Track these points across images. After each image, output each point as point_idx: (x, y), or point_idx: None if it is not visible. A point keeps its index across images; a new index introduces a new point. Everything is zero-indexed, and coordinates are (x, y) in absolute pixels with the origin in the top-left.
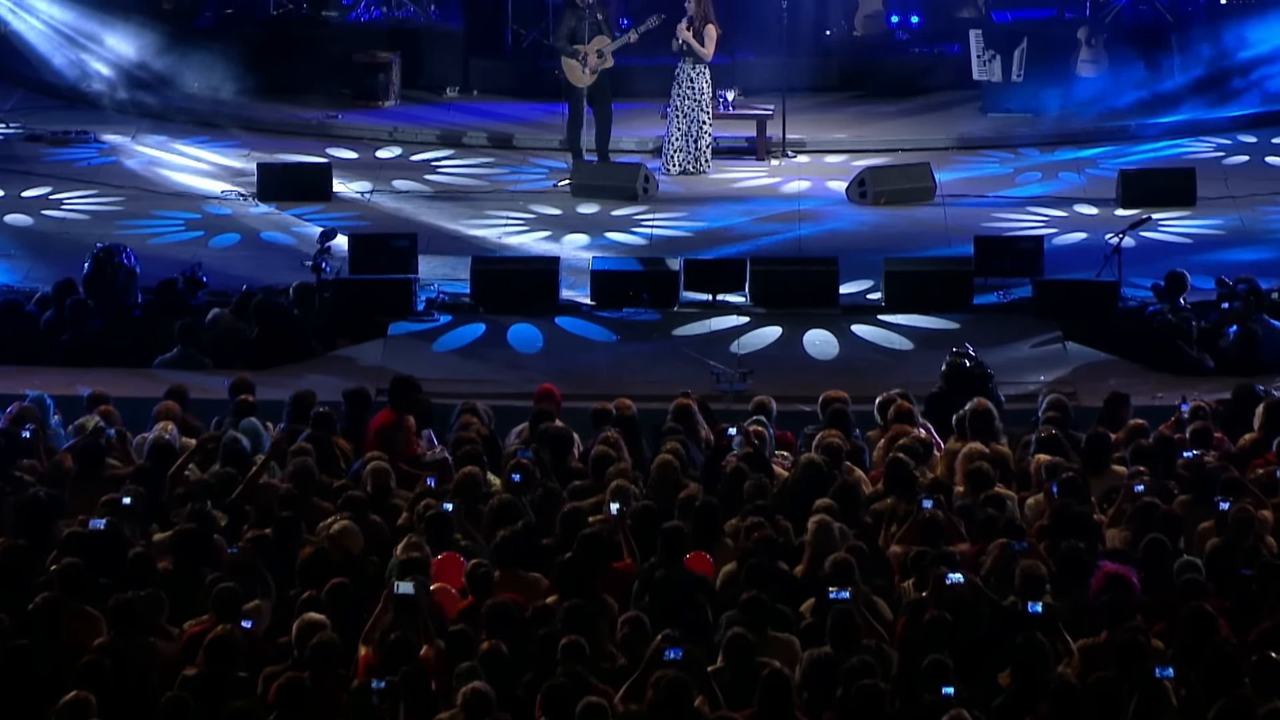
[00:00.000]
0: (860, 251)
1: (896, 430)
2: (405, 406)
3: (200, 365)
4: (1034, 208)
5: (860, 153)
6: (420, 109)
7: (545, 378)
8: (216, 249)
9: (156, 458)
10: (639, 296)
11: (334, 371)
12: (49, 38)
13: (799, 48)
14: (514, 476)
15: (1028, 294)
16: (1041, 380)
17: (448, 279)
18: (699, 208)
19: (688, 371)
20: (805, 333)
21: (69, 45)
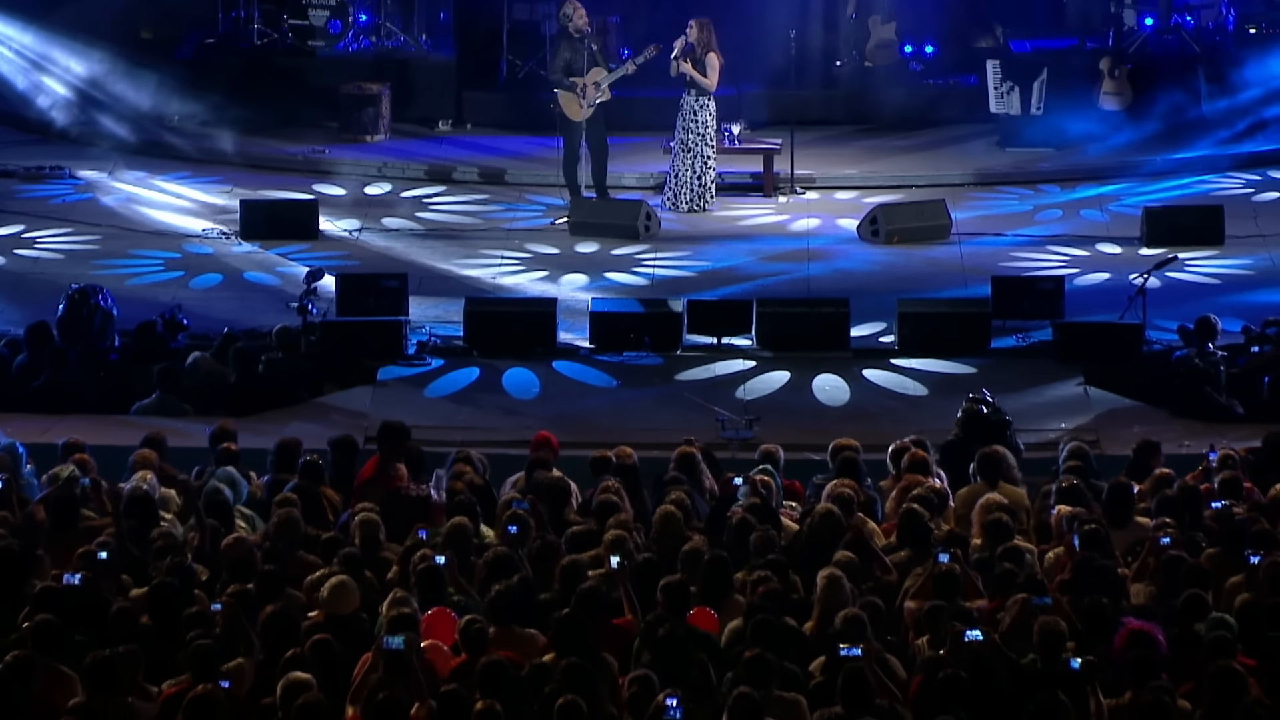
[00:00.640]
0: (872, 292)
1: (910, 480)
2: (395, 454)
3: (180, 412)
4: (1054, 247)
5: (872, 189)
6: (411, 143)
7: (542, 425)
8: (197, 290)
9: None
10: (640, 340)
11: (320, 418)
12: (21, 68)
13: (808, 79)
14: (510, 528)
15: (1048, 337)
16: (1062, 428)
17: (440, 321)
18: (703, 246)
19: (691, 418)
20: (814, 377)
21: (42, 76)
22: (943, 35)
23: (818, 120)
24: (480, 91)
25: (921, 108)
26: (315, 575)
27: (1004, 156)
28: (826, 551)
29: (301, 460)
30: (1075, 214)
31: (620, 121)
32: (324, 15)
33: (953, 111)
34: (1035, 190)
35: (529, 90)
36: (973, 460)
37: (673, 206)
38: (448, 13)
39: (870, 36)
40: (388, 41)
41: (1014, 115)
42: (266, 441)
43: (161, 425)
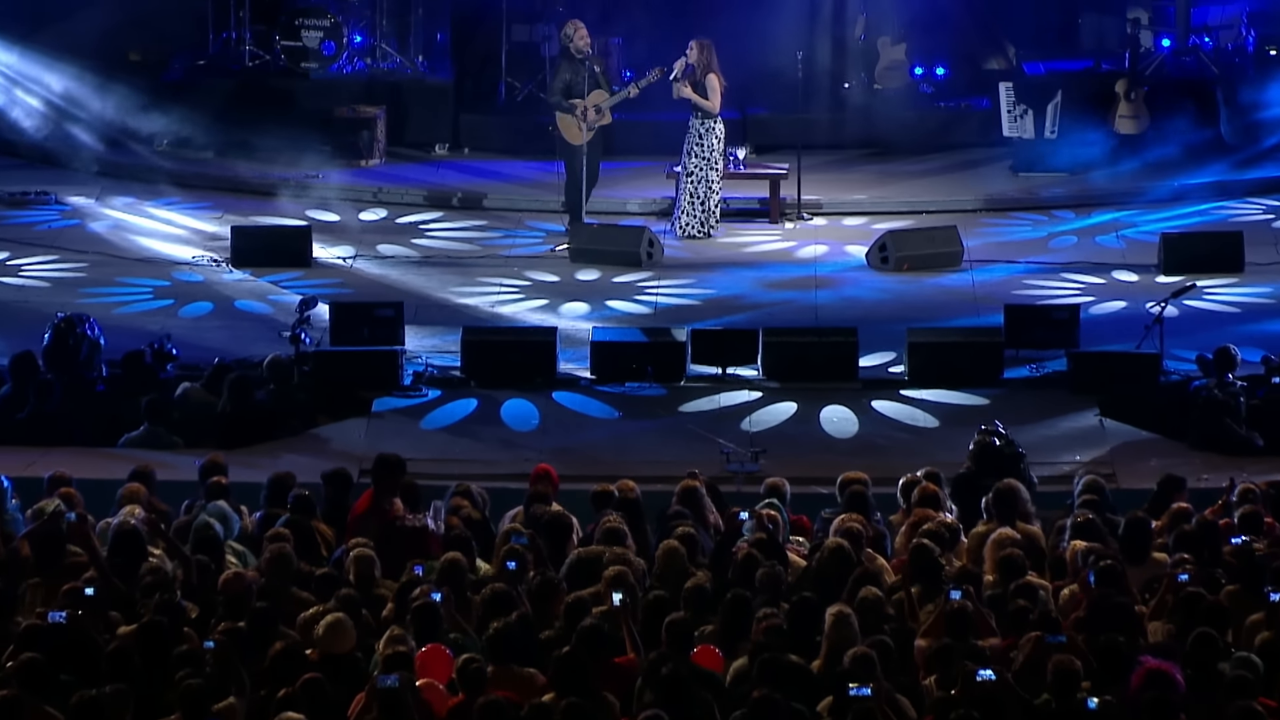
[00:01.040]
0: (881, 321)
1: (920, 514)
2: (390, 488)
3: (169, 444)
4: (1069, 274)
5: (881, 215)
6: (407, 167)
7: (542, 458)
8: (187, 319)
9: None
10: (643, 370)
11: (313, 451)
12: (4, 90)
13: (815, 102)
14: (508, 564)
15: (1062, 367)
16: (1077, 460)
17: (436, 351)
18: (707, 274)
19: (695, 451)
20: (822, 409)
21: (27, 99)
22: (954, 57)
23: (825, 144)
24: (478, 115)
25: (932, 131)
26: (309, 613)
27: (1017, 181)
28: (836, 588)
29: (292, 494)
30: (1090, 240)
31: (622, 145)
32: (317, 36)
33: (964, 135)
34: (1049, 216)
35: (528, 113)
36: (985, 494)
37: (680, 234)
38: (445, 34)
39: (879, 58)
40: (383, 63)
41: (1027, 139)
42: (258, 475)
43: (150, 458)
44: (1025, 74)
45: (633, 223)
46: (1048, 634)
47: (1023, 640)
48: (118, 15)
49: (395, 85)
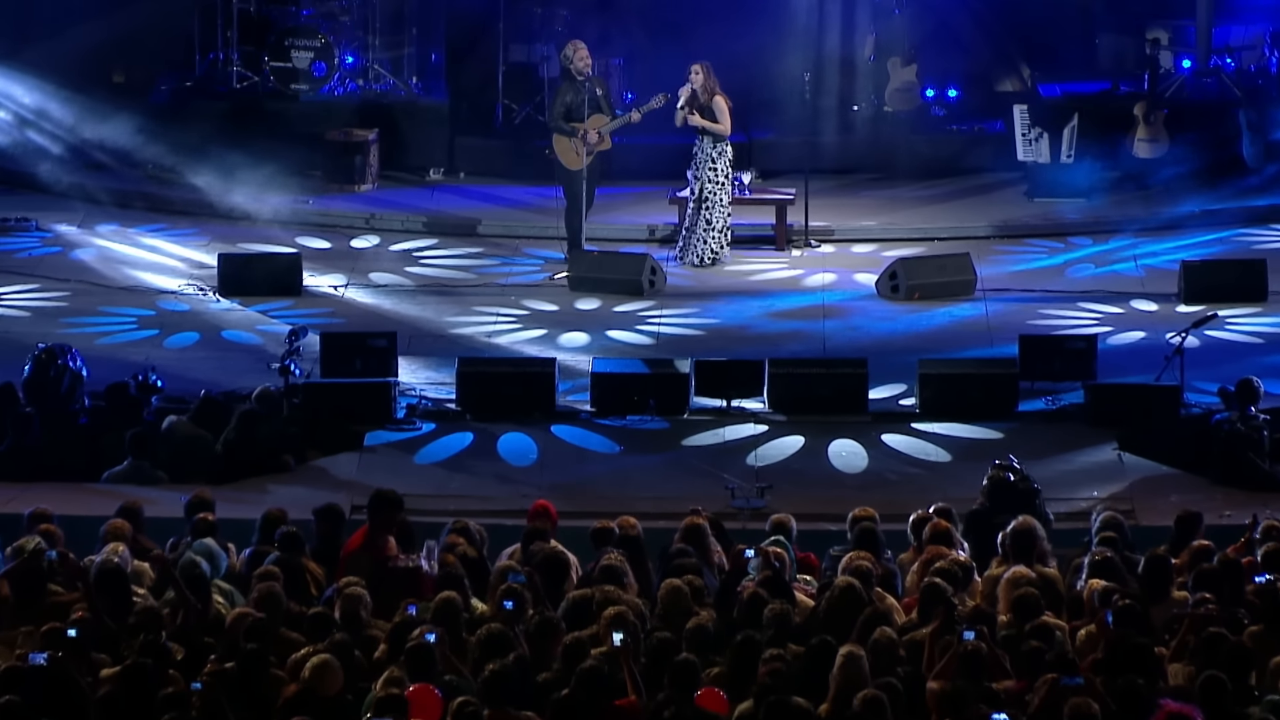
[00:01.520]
0: (892, 352)
1: (932, 552)
2: (386, 525)
3: (154, 479)
4: (1086, 303)
5: (891, 242)
6: (401, 193)
7: (540, 493)
8: (173, 349)
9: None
10: (644, 402)
11: (304, 486)
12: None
13: (823, 125)
14: (505, 604)
15: (1079, 400)
16: (1094, 496)
17: (431, 383)
18: (712, 303)
19: (699, 486)
20: (830, 443)
21: (7, 121)
22: (967, 78)
23: (833, 168)
24: (474, 138)
25: (944, 155)
26: (299, 654)
27: (1032, 207)
28: (846, 628)
29: (280, 531)
30: (1108, 268)
31: (622, 170)
32: (308, 57)
33: (977, 159)
34: (1065, 243)
35: (526, 137)
36: (999, 531)
37: (689, 260)
38: (440, 54)
39: (890, 80)
40: (376, 85)
41: (1043, 163)
42: (246, 511)
43: (134, 494)
44: (1041, 96)
45: (634, 250)
46: (1064, 676)
47: (1038, 683)
48: (102, 35)
49: (388, 107)
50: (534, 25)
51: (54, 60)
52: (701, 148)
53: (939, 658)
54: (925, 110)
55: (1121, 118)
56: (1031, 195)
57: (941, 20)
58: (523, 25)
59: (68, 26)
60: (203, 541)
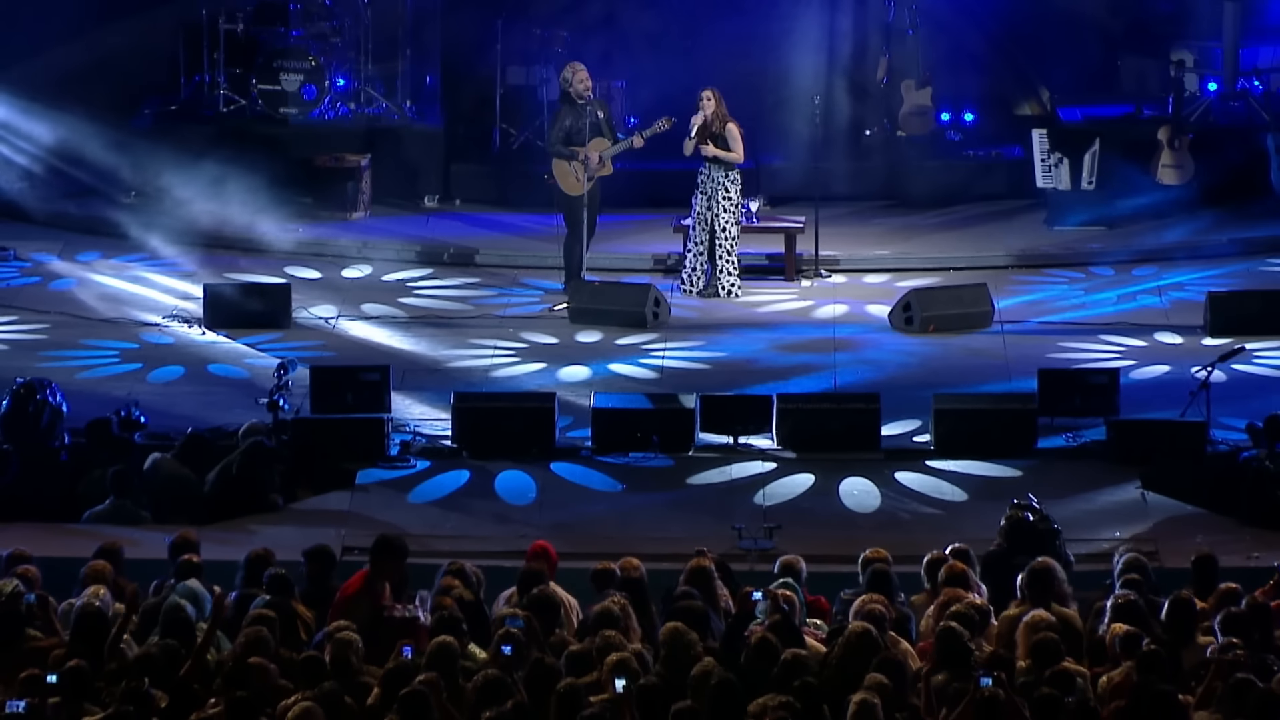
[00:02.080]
0: (905, 387)
1: (948, 595)
2: (389, 573)
3: (137, 519)
4: (1108, 336)
5: (905, 272)
6: (394, 221)
7: (539, 534)
8: (157, 384)
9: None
10: (648, 439)
11: (293, 526)
12: None
13: (834, 150)
14: (503, 648)
15: (1101, 436)
16: (1117, 537)
17: (425, 419)
18: (718, 335)
19: (705, 526)
20: (841, 481)
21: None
22: (983, 101)
23: (845, 195)
24: (471, 164)
25: (960, 182)
26: (288, 702)
27: (1052, 236)
28: (859, 675)
29: (269, 573)
30: (1131, 300)
31: (624, 197)
32: (297, 80)
33: (994, 186)
34: (1086, 274)
35: (525, 162)
36: (1018, 573)
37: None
38: (435, 77)
39: (903, 103)
40: (368, 109)
41: (1062, 190)
42: (232, 552)
43: (116, 534)
44: (1060, 120)
45: (637, 280)
46: None
47: None
48: (82, 57)
49: (381, 132)
50: (533, 46)
51: (32, 82)
52: (711, 175)
53: (955, 705)
54: (940, 135)
55: (1145, 143)
56: (1051, 223)
57: (957, 41)
58: (521, 46)
59: (47, 48)
60: (187, 584)
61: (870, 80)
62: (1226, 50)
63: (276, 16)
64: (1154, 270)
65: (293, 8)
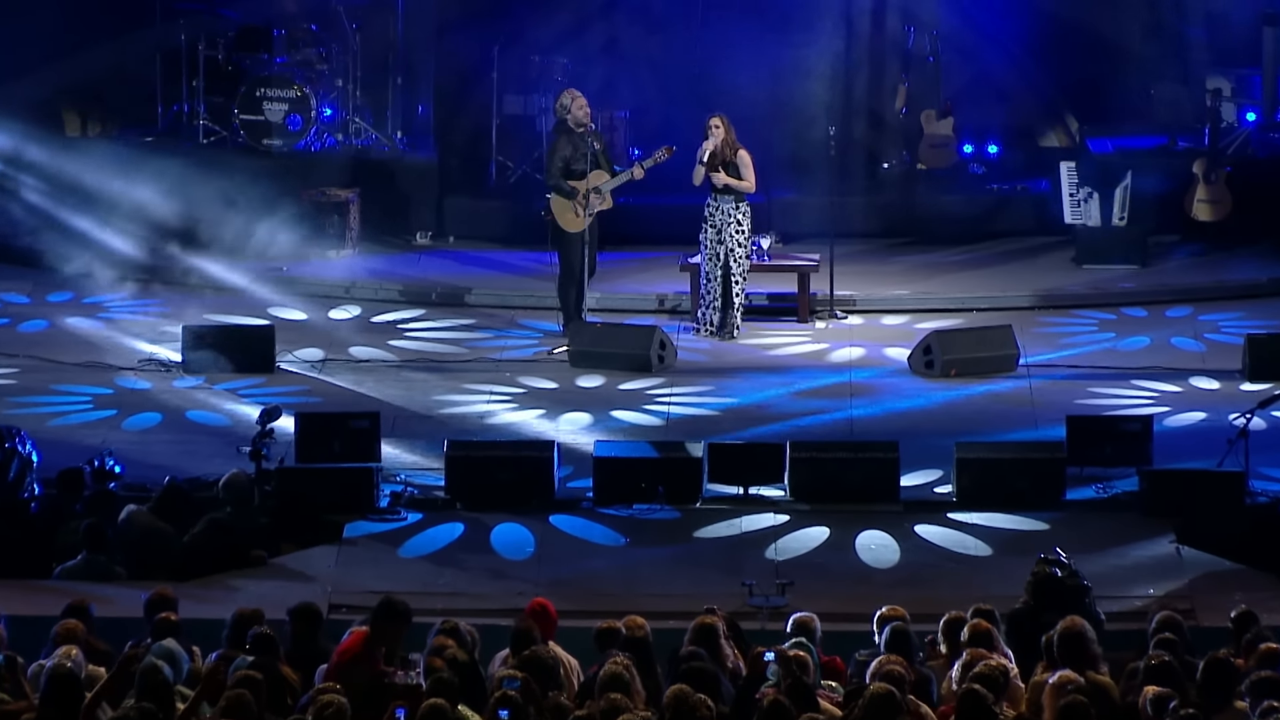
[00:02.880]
0: (926, 434)
1: (971, 655)
2: (389, 637)
3: (111, 575)
4: (1140, 381)
5: (925, 313)
6: (384, 259)
7: (538, 590)
8: (132, 432)
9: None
10: (653, 490)
11: (277, 582)
12: None
13: (850, 184)
14: (500, 713)
15: (1133, 487)
16: (1151, 594)
17: (417, 468)
18: (727, 380)
19: (713, 582)
20: (858, 535)
21: None
22: (1008, 132)
23: (861, 232)
24: (465, 198)
25: (983, 217)
26: None
27: (1080, 275)
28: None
29: (252, 632)
30: (1164, 342)
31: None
32: (282, 109)
33: (1020, 221)
34: (1117, 315)
35: (522, 197)
36: (1045, 633)
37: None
38: (427, 106)
39: (923, 134)
40: (357, 140)
41: (1092, 226)
42: (211, 610)
43: (89, 591)
44: (1090, 152)
45: (641, 321)
46: None
47: None
48: (55, 83)
49: (371, 165)
50: (531, 74)
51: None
52: (721, 208)
53: None
54: (962, 168)
55: (1179, 176)
56: (1080, 261)
57: (980, 69)
58: (519, 74)
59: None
60: (164, 643)
61: (888, 110)
62: (1266, 78)
63: (260, 42)
64: (1189, 311)
65: (277, 33)
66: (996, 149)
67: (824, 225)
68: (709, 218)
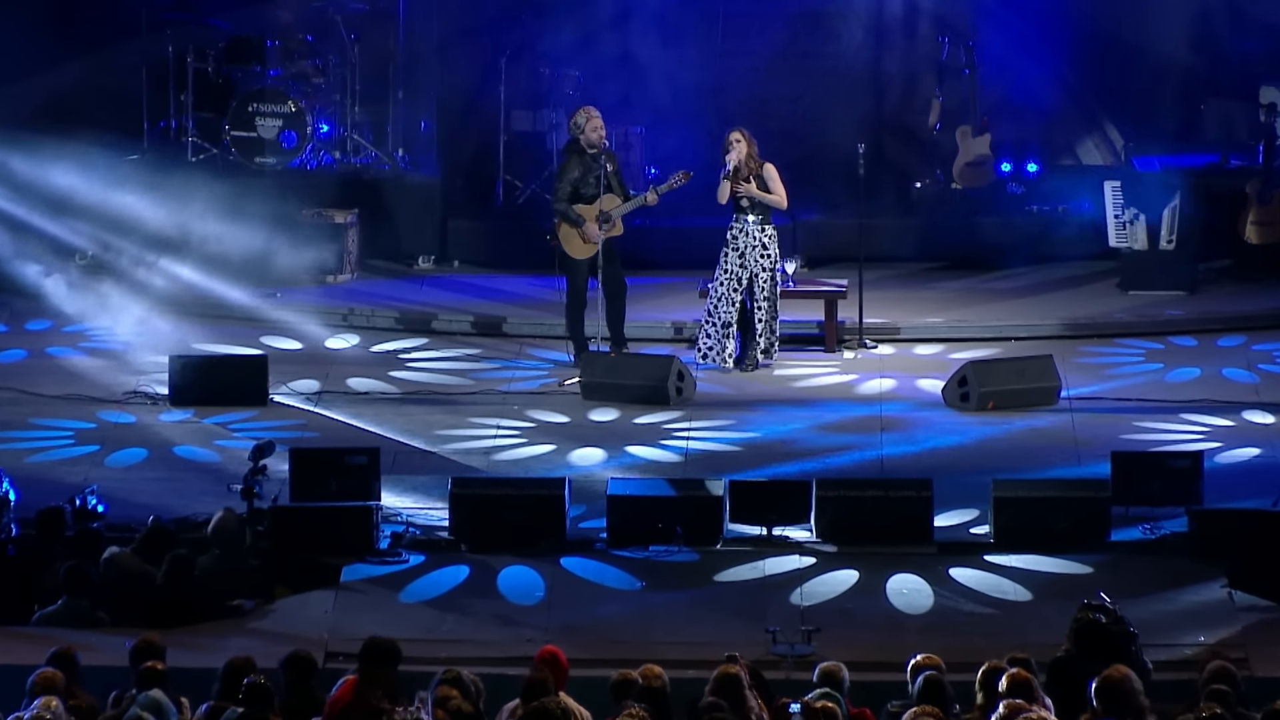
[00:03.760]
0: (961, 472)
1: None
2: (381, 680)
3: (93, 621)
4: (1190, 415)
5: (961, 342)
6: (384, 284)
7: (548, 638)
8: (116, 468)
9: None
10: (671, 531)
11: (270, 629)
12: None
13: (880, 205)
14: None
15: (1182, 528)
16: (1201, 641)
17: (419, 508)
18: (750, 413)
19: (735, 628)
20: (889, 578)
21: None
22: (1049, 150)
23: (892, 256)
24: (470, 220)
25: (1022, 240)
26: None
27: (1126, 301)
28: None
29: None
30: (1215, 373)
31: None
32: (275, 126)
33: (1062, 244)
34: (1165, 344)
35: (531, 219)
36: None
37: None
38: (430, 122)
39: (958, 152)
40: (355, 158)
41: (1138, 250)
42: (200, 659)
43: (70, 638)
44: (1136, 171)
45: (658, 351)
46: None
47: None
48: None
49: (371, 184)
50: (541, 88)
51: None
52: (746, 228)
53: None
54: (1000, 187)
55: (1231, 197)
56: (1125, 287)
57: (1019, 82)
58: (528, 88)
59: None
60: (150, 694)
61: (921, 126)
62: None
63: (252, 54)
64: (1242, 340)
65: (270, 44)
66: (1036, 167)
67: (853, 249)
68: (732, 239)
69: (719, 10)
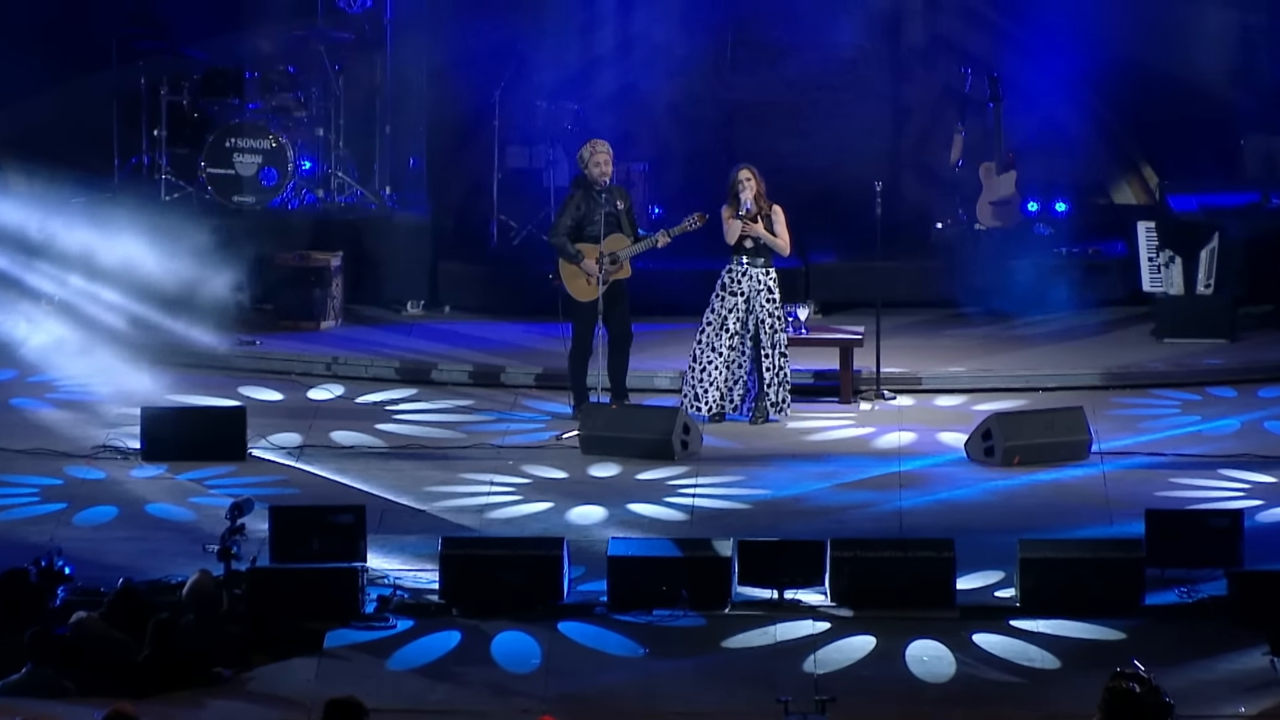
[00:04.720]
0: (985, 531)
1: None
2: None
3: (59, 690)
4: (1229, 470)
5: (985, 393)
6: (370, 331)
7: (545, 707)
8: (84, 527)
9: None
10: (676, 593)
11: (248, 698)
12: None
13: (899, 247)
14: None
15: (1221, 591)
16: (1242, 712)
17: (408, 570)
18: (760, 469)
19: (743, 698)
20: (908, 644)
21: None
22: (1078, 188)
23: (911, 301)
24: (462, 263)
25: (1050, 284)
26: None
27: (1161, 349)
28: None
29: None
30: (1257, 426)
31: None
32: (255, 163)
33: (1092, 289)
34: (1203, 394)
35: (527, 262)
36: None
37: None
38: (419, 159)
39: (982, 190)
40: (340, 197)
41: (1174, 295)
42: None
43: (34, 709)
44: (1171, 211)
45: (662, 402)
46: None
47: None
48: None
49: (356, 225)
50: (537, 123)
51: None
52: (751, 273)
53: None
54: (1026, 228)
55: (1273, 237)
56: (1160, 334)
57: (1047, 117)
58: (523, 122)
59: None
60: None
61: (942, 163)
62: None
63: (229, 86)
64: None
65: (249, 76)
66: (1065, 207)
67: (869, 293)
68: (732, 284)
69: (727, 40)
